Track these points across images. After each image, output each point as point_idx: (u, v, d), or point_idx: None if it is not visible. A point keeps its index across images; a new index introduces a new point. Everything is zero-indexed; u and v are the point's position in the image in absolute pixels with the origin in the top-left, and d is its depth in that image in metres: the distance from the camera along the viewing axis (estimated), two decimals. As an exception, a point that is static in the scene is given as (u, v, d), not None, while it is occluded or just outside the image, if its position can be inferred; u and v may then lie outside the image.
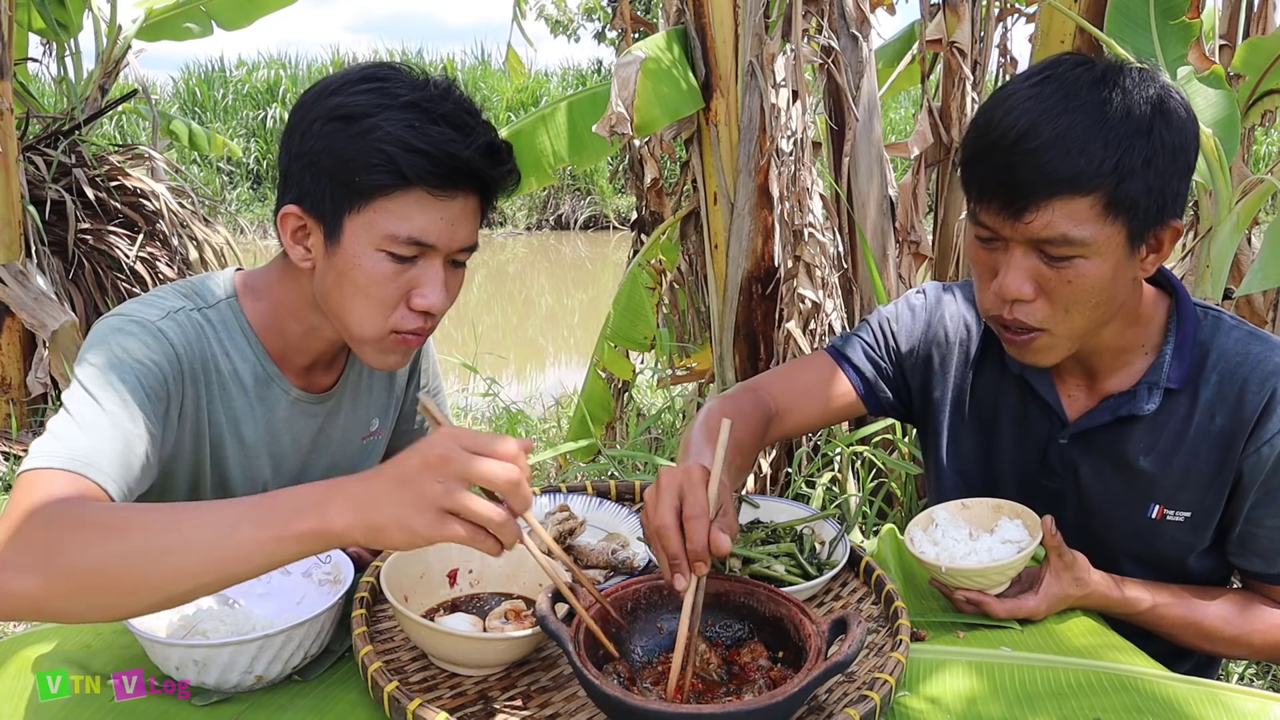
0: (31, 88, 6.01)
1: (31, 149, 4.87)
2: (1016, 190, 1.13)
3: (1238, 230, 2.49)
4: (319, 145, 1.18)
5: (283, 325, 1.34)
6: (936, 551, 1.25)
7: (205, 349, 1.28)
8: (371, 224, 1.18)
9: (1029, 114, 1.12)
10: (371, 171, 1.16)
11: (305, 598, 1.19)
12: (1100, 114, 1.11)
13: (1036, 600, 1.23)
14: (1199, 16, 2.48)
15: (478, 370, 4.70)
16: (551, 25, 11.40)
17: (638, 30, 3.89)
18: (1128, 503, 1.34)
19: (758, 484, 3.15)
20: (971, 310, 1.48)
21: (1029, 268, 1.18)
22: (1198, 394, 1.28)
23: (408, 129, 1.15)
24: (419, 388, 1.64)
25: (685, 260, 3.66)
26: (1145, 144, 1.11)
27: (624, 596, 1.09)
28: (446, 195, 1.19)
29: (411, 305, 1.24)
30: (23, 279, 4.44)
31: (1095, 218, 1.13)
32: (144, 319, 1.23)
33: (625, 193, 14.54)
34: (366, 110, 1.17)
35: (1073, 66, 1.16)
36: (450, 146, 1.16)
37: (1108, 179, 1.11)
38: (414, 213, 1.18)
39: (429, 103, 1.18)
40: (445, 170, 1.17)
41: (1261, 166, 9.63)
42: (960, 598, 1.23)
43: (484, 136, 1.20)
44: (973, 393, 1.46)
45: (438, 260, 1.23)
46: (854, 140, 3.29)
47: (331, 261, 1.22)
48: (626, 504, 1.51)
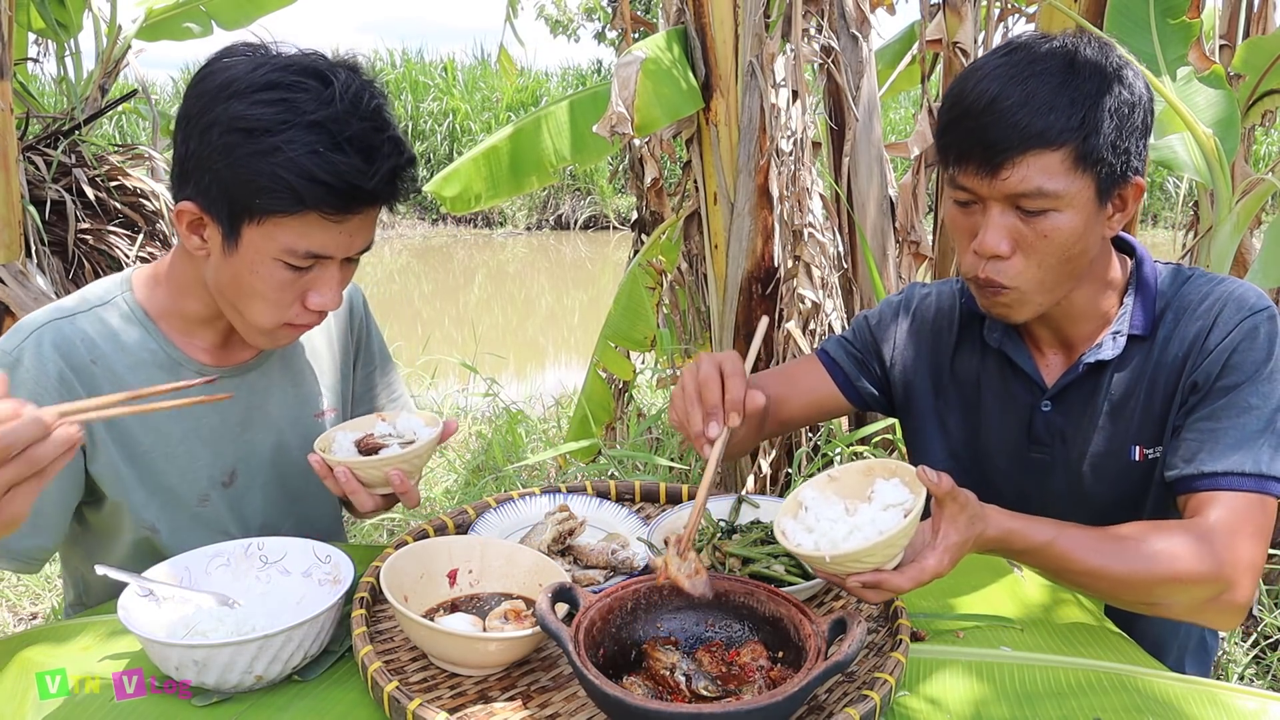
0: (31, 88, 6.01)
1: (31, 149, 4.87)
2: (991, 148, 1.21)
3: (1238, 230, 2.49)
4: (218, 154, 1.17)
5: (184, 306, 1.37)
6: (815, 539, 1.06)
7: (80, 355, 1.29)
8: (270, 236, 1.21)
9: (998, 79, 1.21)
10: (271, 195, 1.16)
11: (305, 598, 1.19)
12: (1065, 76, 1.20)
13: (938, 556, 1.05)
14: (1199, 16, 2.49)
15: (477, 370, 4.70)
16: (551, 25, 11.39)
17: (638, 30, 3.89)
18: (1112, 451, 1.37)
19: (758, 484, 3.15)
20: (950, 298, 1.54)
21: (1006, 225, 1.25)
22: (1157, 335, 1.35)
23: (311, 155, 1.14)
24: (367, 365, 1.66)
25: (685, 260, 3.66)
26: (1108, 101, 1.20)
27: (624, 596, 1.09)
28: (346, 215, 1.22)
29: (307, 305, 1.28)
30: (23, 279, 4.44)
31: (1066, 170, 1.21)
32: (1, 349, 1.26)
33: (625, 193, 14.54)
34: (269, 127, 1.15)
35: (1040, 39, 1.25)
36: (353, 178, 1.17)
37: (1075, 134, 1.19)
38: (313, 231, 1.21)
39: (335, 123, 1.16)
40: (347, 198, 1.19)
41: (1262, 167, 9.63)
42: (854, 584, 1.04)
43: (389, 162, 1.20)
44: (954, 375, 1.51)
45: (333, 265, 1.27)
46: (854, 140, 3.29)
47: (228, 261, 1.25)
48: (626, 504, 1.52)
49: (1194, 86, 2.46)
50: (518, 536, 1.37)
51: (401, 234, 14.38)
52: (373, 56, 16.11)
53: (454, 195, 3.30)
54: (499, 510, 1.46)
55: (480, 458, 4.50)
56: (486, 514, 1.45)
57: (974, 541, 1.10)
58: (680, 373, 1.21)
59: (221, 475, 1.43)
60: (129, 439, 1.34)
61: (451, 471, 4.42)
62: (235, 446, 1.44)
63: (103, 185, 4.96)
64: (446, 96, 15.33)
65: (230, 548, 1.23)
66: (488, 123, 15.17)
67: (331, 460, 1.29)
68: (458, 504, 4.05)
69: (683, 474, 3.42)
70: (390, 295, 10.27)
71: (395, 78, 15.49)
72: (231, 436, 1.43)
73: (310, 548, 1.24)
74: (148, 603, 1.12)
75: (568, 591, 1.08)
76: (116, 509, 1.36)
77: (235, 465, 1.44)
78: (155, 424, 1.35)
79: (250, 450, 1.45)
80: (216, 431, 1.41)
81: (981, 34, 3.53)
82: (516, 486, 3.89)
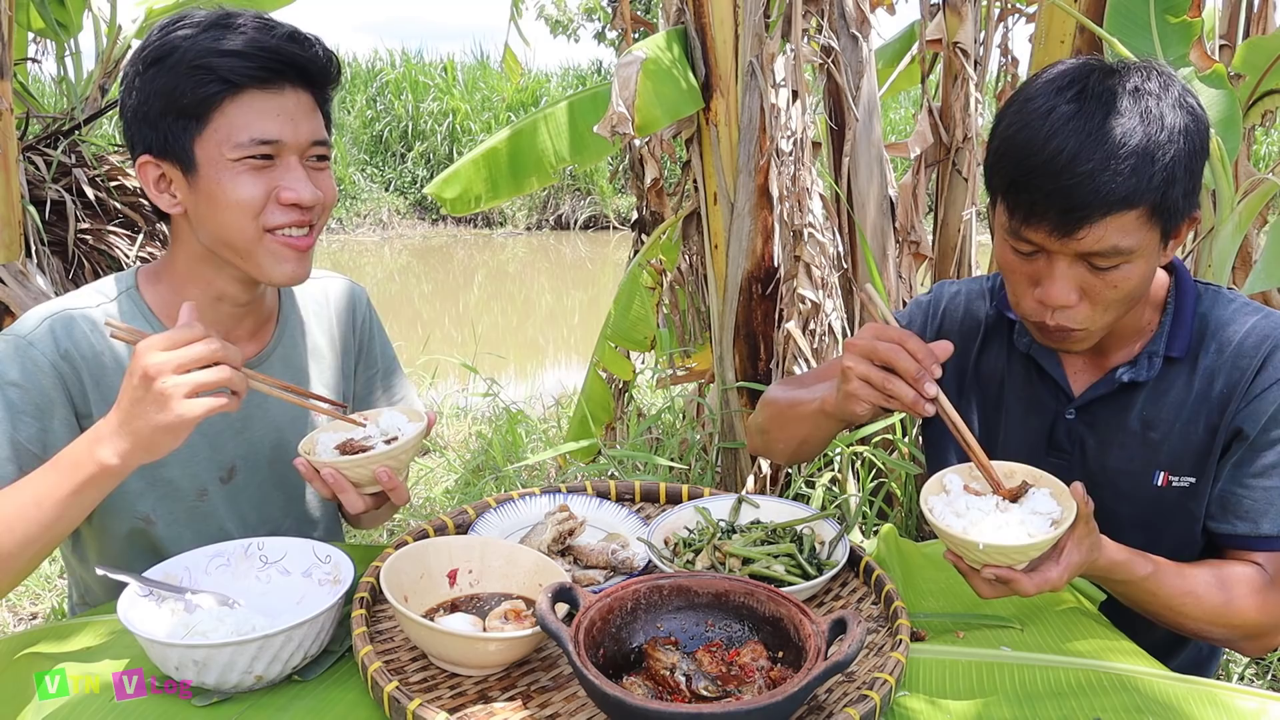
0: (31, 88, 6.01)
1: (31, 149, 4.86)
2: (1071, 213, 1.15)
3: (1240, 229, 2.49)
4: (141, 94, 1.27)
5: (187, 296, 1.38)
6: (964, 525, 1.12)
7: (90, 344, 1.33)
8: (217, 140, 1.26)
9: (1075, 135, 1.14)
10: (196, 87, 1.24)
11: (305, 598, 1.19)
12: (1144, 130, 1.13)
13: (1059, 571, 1.11)
14: (1200, 15, 2.48)
15: (477, 370, 4.70)
16: (551, 25, 11.38)
17: (638, 30, 3.89)
18: (1134, 471, 1.36)
19: (758, 484, 3.15)
20: (979, 297, 1.52)
21: (1075, 277, 1.21)
22: (1198, 362, 1.33)
23: (213, 41, 1.25)
24: (369, 368, 1.66)
25: (685, 260, 3.66)
26: (1183, 149, 1.15)
27: (624, 596, 1.09)
28: (274, 89, 1.27)
29: (281, 200, 1.30)
30: (23, 279, 4.43)
31: (1140, 226, 1.16)
32: (15, 333, 1.30)
33: (625, 193, 14.53)
34: (171, 45, 1.26)
35: (1103, 77, 1.17)
36: (259, 40, 1.26)
37: (1156, 192, 1.14)
38: (250, 116, 1.26)
39: (225, 19, 1.27)
40: (259, 62, 1.25)
41: (1263, 167, 9.63)
42: (989, 576, 1.10)
43: (285, 29, 1.29)
44: (979, 374, 1.50)
45: (293, 158, 1.31)
46: (854, 140, 3.29)
47: (197, 191, 1.29)
48: (626, 504, 1.52)
49: (1195, 86, 2.46)
50: (518, 537, 1.37)
51: (401, 234, 14.38)
52: (372, 56, 16.13)
53: (454, 197, 3.30)
54: (499, 510, 1.46)
55: (480, 458, 4.50)
56: (486, 514, 1.45)
57: (1087, 565, 1.17)
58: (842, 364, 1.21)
59: (220, 471, 1.43)
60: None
61: (451, 471, 4.42)
62: (235, 444, 1.44)
63: (103, 185, 4.96)
64: (446, 96, 15.33)
65: (230, 548, 1.23)
66: (488, 123, 15.17)
67: (317, 462, 1.29)
68: (458, 504, 4.05)
69: (683, 474, 3.42)
70: (390, 295, 10.27)
71: (395, 78, 15.48)
72: (232, 433, 1.44)
73: (310, 548, 1.24)
74: (148, 603, 1.12)
75: (568, 591, 1.08)
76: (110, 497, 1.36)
77: (234, 462, 1.44)
78: None
79: (250, 448, 1.46)
80: (216, 427, 1.42)
81: (981, 34, 3.53)
82: (516, 486, 3.89)
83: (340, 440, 1.36)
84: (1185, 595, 1.25)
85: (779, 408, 1.52)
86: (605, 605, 1.06)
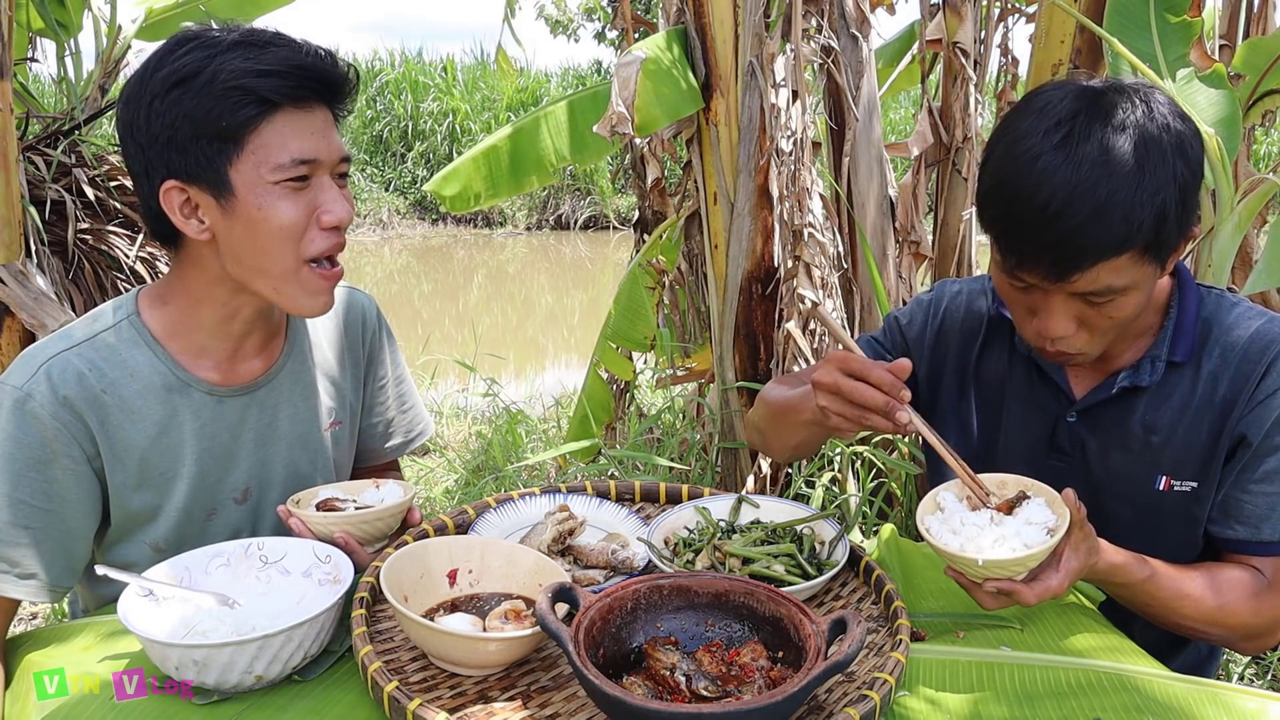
0: (32, 88, 6.01)
1: (31, 149, 4.86)
2: (1061, 262, 1.15)
3: (1240, 229, 2.48)
4: (169, 117, 1.21)
5: (195, 318, 1.35)
6: (961, 542, 1.14)
7: (90, 385, 1.28)
8: (254, 162, 1.22)
9: (1064, 186, 1.12)
10: (235, 109, 1.20)
11: (305, 598, 1.19)
12: (1136, 176, 1.12)
13: (1059, 578, 1.13)
14: (1200, 15, 2.48)
15: (477, 370, 4.69)
16: (551, 25, 11.38)
17: (638, 30, 3.89)
18: (1136, 475, 1.36)
19: (758, 484, 3.15)
20: (979, 297, 1.52)
21: (1071, 310, 1.22)
22: (1201, 367, 1.32)
23: (246, 61, 1.21)
24: (379, 380, 1.64)
25: (685, 260, 3.66)
26: (1175, 186, 1.14)
27: (624, 596, 1.09)
28: (306, 107, 1.25)
29: (322, 224, 1.28)
30: (23, 279, 4.43)
31: (1134, 264, 1.16)
32: (10, 384, 1.26)
33: (625, 193, 14.53)
34: (200, 65, 1.21)
35: (1089, 118, 1.14)
36: (293, 59, 1.23)
37: (1149, 233, 1.14)
38: (287, 135, 1.23)
39: (252, 37, 1.24)
40: (297, 79, 1.23)
41: (1263, 167, 9.64)
42: (991, 589, 1.12)
43: (311, 45, 1.27)
44: (980, 376, 1.49)
45: (325, 176, 1.28)
46: (854, 140, 3.29)
47: (232, 216, 1.25)
48: (626, 504, 1.52)
49: (1195, 86, 2.46)
50: (518, 536, 1.37)
51: (401, 234, 14.38)
52: (372, 56, 16.12)
53: (454, 194, 3.30)
54: (499, 510, 1.46)
55: (480, 458, 4.50)
56: (486, 514, 1.45)
57: (1086, 570, 1.18)
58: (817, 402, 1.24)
59: (234, 493, 1.42)
60: (146, 464, 1.33)
61: (451, 471, 4.42)
62: (249, 465, 1.42)
63: (103, 185, 4.96)
64: (446, 96, 15.33)
65: (230, 548, 1.23)
66: (488, 123, 15.17)
67: (293, 510, 1.34)
68: (458, 504, 4.05)
69: (683, 474, 3.42)
70: (390, 295, 10.27)
71: (395, 78, 15.48)
72: (245, 454, 1.42)
73: (310, 548, 1.24)
74: (148, 603, 1.12)
75: (568, 591, 1.08)
76: (121, 528, 1.36)
77: (249, 483, 1.43)
78: (171, 447, 1.34)
79: (265, 466, 1.44)
80: (228, 449, 1.40)
81: (981, 34, 3.53)
82: (516, 486, 3.89)
83: (322, 499, 1.39)
84: (1182, 598, 1.26)
85: (774, 410, 1.53)
86: (605, 605, 1.06)
